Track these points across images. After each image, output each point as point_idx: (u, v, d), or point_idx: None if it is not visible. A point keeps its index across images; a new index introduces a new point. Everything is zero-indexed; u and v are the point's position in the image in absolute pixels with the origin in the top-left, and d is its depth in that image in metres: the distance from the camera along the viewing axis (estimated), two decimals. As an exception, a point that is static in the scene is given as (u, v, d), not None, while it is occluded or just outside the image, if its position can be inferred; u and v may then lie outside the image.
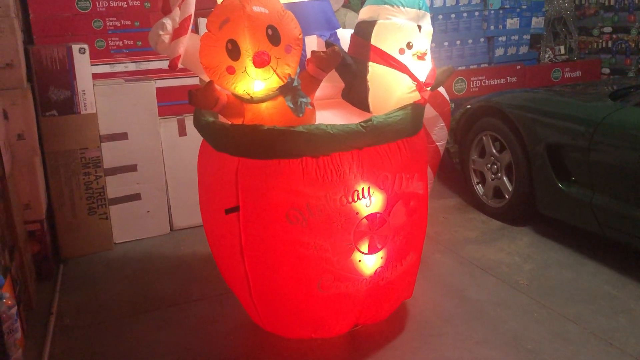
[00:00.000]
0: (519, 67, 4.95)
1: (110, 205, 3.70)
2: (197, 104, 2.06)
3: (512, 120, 3.47)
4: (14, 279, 2.64)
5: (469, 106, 3.96)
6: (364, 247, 2.23)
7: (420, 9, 2.27)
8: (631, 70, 5.05)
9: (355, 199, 2.17)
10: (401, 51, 2.23)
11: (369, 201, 2.19)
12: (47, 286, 3.20)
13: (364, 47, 2.27)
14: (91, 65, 3.53)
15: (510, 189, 3.61)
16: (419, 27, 2.26)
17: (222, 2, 2.03)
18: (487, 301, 2.77)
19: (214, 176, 2.31)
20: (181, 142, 3.83)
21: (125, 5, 3.71)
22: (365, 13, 2.30)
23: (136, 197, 3.77)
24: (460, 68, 4.86)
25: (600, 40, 5.34)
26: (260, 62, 1.98)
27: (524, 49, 5.10)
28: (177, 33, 2.26)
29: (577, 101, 3.30)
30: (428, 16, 2.32)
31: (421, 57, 2.24)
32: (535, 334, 2.47)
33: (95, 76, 3.63)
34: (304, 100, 2.09)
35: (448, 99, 2.86)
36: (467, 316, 2.65)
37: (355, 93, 2.33)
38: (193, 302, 2.93)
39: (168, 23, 2.23)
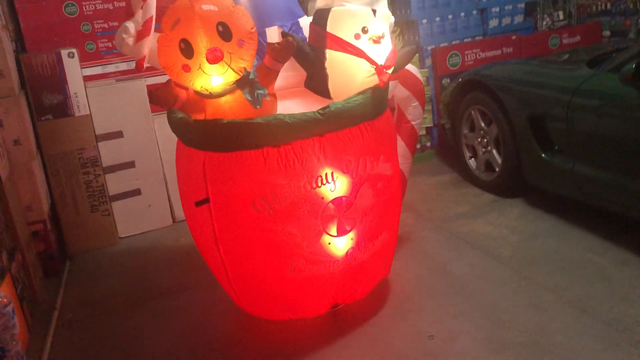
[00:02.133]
0: (514, 37, 4.89)
1: (113, 202, 3.85)
2: (157, 102, 2.16)
3: (497, 93, 3.47)
4: (14, 278, 2.80)
5: (460, 80, 3.96)
6: (333, 230, 2.30)
7: (373, -7, 2.30)
8: (631, 31, 4.95)
9: (319, 184, 2.23)
10: (357, 36, 2.27)
11: (334, 186, 2.26)
12: (54, 282, 3.37)
13: (320, 35, 2.32)
14: (83, 67, 3.66)
15: (499, 162, 3.62)
16: (374, 12, 2.29)
17: (174, 3, 2.11)
18: (469, 275, 2.82)
19: (187, 170, 2.41)
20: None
21: (111, 7, 3.82)
22: (321, 1, 2.35)
23: (136, 192, 3.91)
24: (454, 42, 4.83)
25: (599, 2, 5.23)
26: (214, 58, 2.06)
27: (519, 19, 5.03)
28: (141, 35, 2.34)
29: (554, 71, 3.28)
30: (383, 0, 2.35)
31: (377, 40, 2.27)
32: (512, 304, 2.52)
33: (88, 78, 3.77)
34: (260, 92, 2.16)
35: (421, 78, 2.88)
36: (447, 290, 2.71)
37: (316, 81, 2.39)
38: (188, 290, 3.05)
39: (131, 26, 2.31)
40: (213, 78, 2.13)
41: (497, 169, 3.66)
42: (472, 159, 3.95)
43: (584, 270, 2.71)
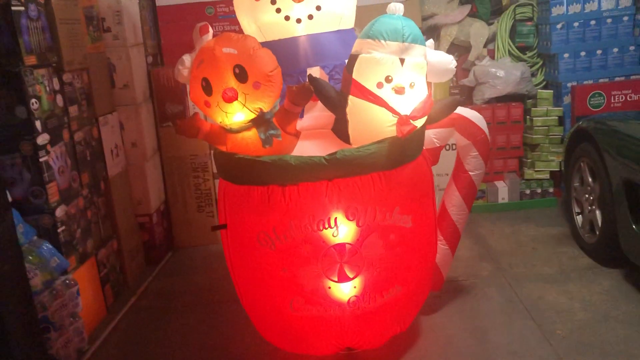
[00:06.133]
0: (681, 77, 4.21)
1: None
2: (181, 132, 2.37)
3: (600, 148, 3.07)
4: (100, 263, 3.25)
5: (575, 126, 3.57)
6: (334, 275, 2.30)
7: (404, 41, 2.22)
8: None
9: (322, 227, 2.25)
10: (379, 85, 2.22)
11: (337, 231, 2.25)
12: (151, 270, 3.82)
13: (347, 81, 2.31)
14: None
15: (600, 225, 3.19)
16: (402, 61, 2.22)
17: (203, 44, 2.29)
18: (504, 348, 2.57)
19: (219, 195, 2.60)
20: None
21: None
22: (354, 47, 2.34)
23: (240, 199, 4.23)
24: (602, 81, 4.32)
25: None
26: (227, 98, 2.19)
27: (693, 56, 4.31)
28: (197, 67, 2.56)
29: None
30: (416, 48, 2.25)
31: (399, 90, 2.20)
32: (527, 393, 2.26)
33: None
34: (272, 132, 2.25)
35: (484, 127, 2.68)
36: (471, 360, 2.51)
37: (338, 125, 2.39)
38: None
39: (187, 59, 2.52)
40: (235, 115, 2.27)
41: (597, 232, 3.24)
42: (580, 215, 3.53)
43: (637, 373, 2.31)
